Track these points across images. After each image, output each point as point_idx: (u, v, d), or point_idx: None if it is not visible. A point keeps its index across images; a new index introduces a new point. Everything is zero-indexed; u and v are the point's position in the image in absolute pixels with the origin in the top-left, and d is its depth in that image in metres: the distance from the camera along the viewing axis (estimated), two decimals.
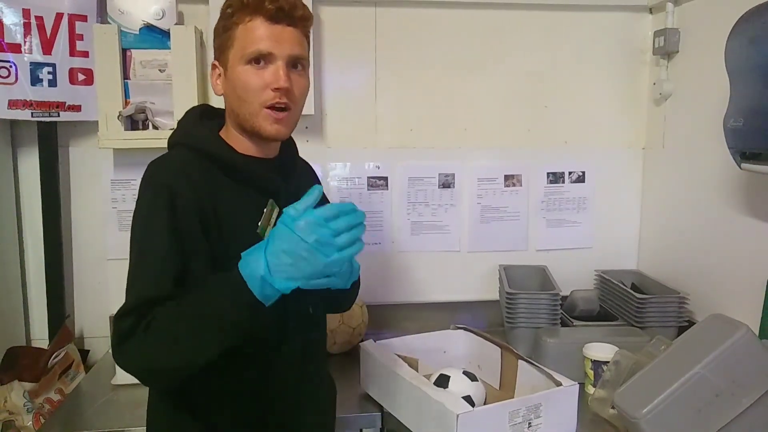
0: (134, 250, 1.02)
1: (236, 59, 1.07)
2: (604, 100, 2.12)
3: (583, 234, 2.17)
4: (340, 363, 1.71)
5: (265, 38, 1.05)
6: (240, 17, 1.06)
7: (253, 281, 0.90)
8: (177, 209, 1.00)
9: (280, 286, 0.90)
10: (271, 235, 0.92)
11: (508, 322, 1.79)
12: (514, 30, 2.06)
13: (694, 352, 1.25)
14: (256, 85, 1.06)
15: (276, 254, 0.89)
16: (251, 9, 1.05)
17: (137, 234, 1.02)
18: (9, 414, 1.65)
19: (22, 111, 1.80)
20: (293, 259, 0.89)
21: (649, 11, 2.08)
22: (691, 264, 1.89)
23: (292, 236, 0.89)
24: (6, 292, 1.88)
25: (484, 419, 1.23)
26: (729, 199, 1.70)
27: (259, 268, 0.89)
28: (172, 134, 1.14)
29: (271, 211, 1.08)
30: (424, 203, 2.09)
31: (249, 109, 1.07)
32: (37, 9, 1.77)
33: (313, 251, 0.88)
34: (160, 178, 1.04)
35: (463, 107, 2.07)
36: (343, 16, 1.99)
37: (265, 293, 0.91)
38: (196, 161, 1.07)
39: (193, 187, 1.02)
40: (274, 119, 1.07)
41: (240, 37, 1.06)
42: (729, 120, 1.43)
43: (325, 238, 0.88)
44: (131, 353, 0.96)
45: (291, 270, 0.89)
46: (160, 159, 1.08)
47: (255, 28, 1.05)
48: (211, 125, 1.16)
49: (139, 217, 1.03)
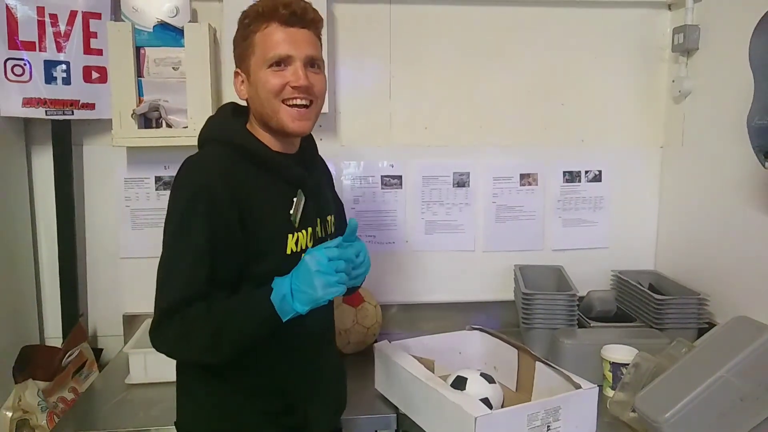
0: (171, 247, 1.08)
1: (258, 65, 1.14)
2: (621, 98, 2.09)
3: (600, 234, 2.14)
4: (354, 363, 1.69)
5: (282, 41, 1.12)
6: (257, 25, 1.14)
7: (276, 296, 1.05)
8: (216, 208, 1.06)
9: (298, 308, 1.05)
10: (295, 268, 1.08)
11: (524, 322, 1.76)
12: (529, 26, 2.03)
13: (718, 355, 1.23)
14: (277, 84, 1.13)
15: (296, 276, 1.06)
16: (267, 16, 1.13)
17: (175, 232, 1.08)
18: (23, 413, 1.64)
19: (36, 109, 1.81)
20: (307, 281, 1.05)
21: (668, 8, 2.05)
22: (710, 265, 1.85)
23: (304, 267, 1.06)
24: (20, 291, 1.88)
25: (502, 422, 1.21)
26: (750, 199, 1.66)
27: (284, 287, 1.05)
28: (202, 130, 1.21)
29: (300, 201, 1.18)
30: (438, 202, 2.07)
31: (272, 107, 1.14)
32: (51, 7, 1.77)
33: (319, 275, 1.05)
34: (197, 177, 1.09)
35: (478, 105, 2.05)
36: (358, 14, 1.97)
37: (284, 309, 1.05)
38: (230, 156, 1.13)
39: (230, 182, 1.08)
40: (297, 115, 1.15)
41: (259, 43, 1.14)
42: (753, 118, 1.41)
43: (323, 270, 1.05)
44: (161, 342, 1.09)
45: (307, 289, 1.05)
46: (196, 157, 1.14)
47: (272, 33, 1.13)
48: (241, 122, 1.22)
49: (177, 215, 1.08)
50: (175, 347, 1.10)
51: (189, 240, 1.06)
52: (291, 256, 1.14)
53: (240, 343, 1.08)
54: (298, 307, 1.04)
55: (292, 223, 1.16)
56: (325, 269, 1.04)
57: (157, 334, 1.08)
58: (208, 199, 1.06)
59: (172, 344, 1.09)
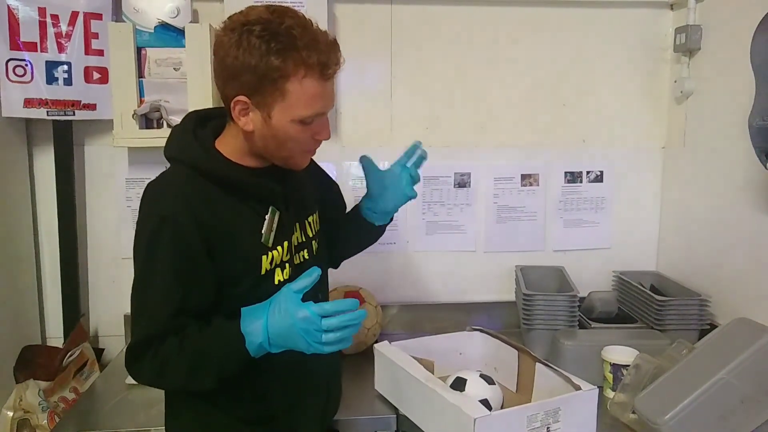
0: (138, 278, 1.07)
1: (286, 115, 1.04)
2: (623, 98, 2.09)
3: (601, 234, 2.13)
4: (354, 363, 1.69)
5: (320, 97, 1.05)
6: (294, 69, 1.00)
7: (251, 344, 1.01)
8: (180, 242, 1.03)
9: (274, 351, 1.03)
10: (270, 310, 1.02)
11: (525, 323, 1.76)
12: (531, 27, 2.03)
13: (719, 356, 1.22)
14: (305, 139, 1.09)
15: (274, 329, 1.00)
16: (309, 68, 1.01)
17: (140, 266, 1.06)
18: (24, 412, 1.65)
19: (38, 110, 1.81)
20: (287, 336, 1.00)
21: (670, 7, 2.04)
22: (711, 266, 1.85)
23: (289, 320, 0.99)
24: (21, 291, 1.89)
25: (501, 423, 1.21)
26: (752, 200, 1.66)
27: (259, 336, 1.00)
28: (167, 144, 1.15)
29: (272, 219, 1.13)
30: (439, 203, 2.07)
31: (289, 155, 1.11)
32: (52, 7, 1.77)
33: (301, 338, 0.99)
34: (160, 207, 1.05)
35: (480, 105, 2.04)
36: (359, 13, 1.97)
37: (258, 353, 1.03)
38: (193, 178, 1.08)
39: (194, 209, 1.04)
40: (309, 157, 1.17)
41: (293, 94, 1.02)
42: (755, 119, 1.40)
43: (313, 332, 0.99)
44: (141, 377, 1.09)
45: (286, 343, 1.01)
46: (160, 182, 1.09)
47: (311, 87, 1.03)
48: (205, 136, 1.13)
49: (141, 249, 1.06)
50: (154, 382, 1.10)
51: (155, 273, 1.04)
52: (266, 275, 1.12)
53: (219, 376, 1.05)
54: (273, 350, 1.03)
55: (264, 243, 1.11)
56: (314, 329, 0.99)
57: (132, 370, 1.07)
58: (173, 230, 1.02)
59: (150, 380, 1.09)
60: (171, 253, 1.03)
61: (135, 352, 1.04)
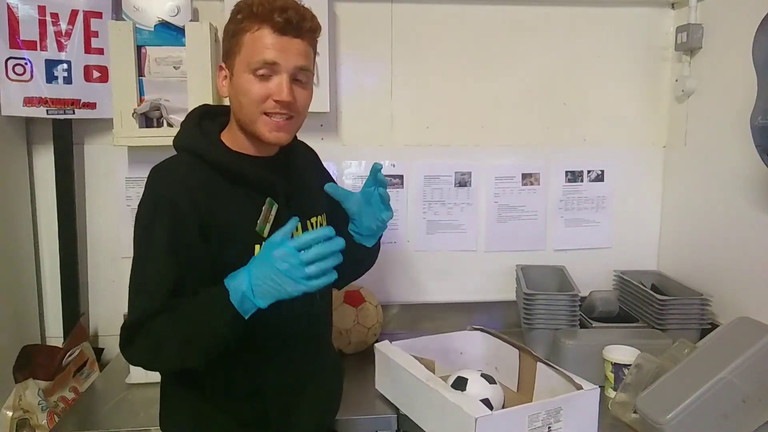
0: (135, 257, 1.08)
1: (242, 67, 1.09)
2: (624, 98, 2.08)
3: (602, 234, 2.13)
4: (354, 363, 1.69)
5: (270, 48, 1.07)
6: (248, 25, 1.07)
7: (235, 296, 0.99)
8: (176, 222, 1.05)
9: (260, 303, 0.99)
10: (253, 259, 1.02)
11: (526, 323, 1.76)
12: (532, 26, 2.02)
13: (720, 356, 1.22)
14: (258, 95, 1.09)
15: (257, 276, 0.98)
16: (260, 18, 1.06)
17: (138, 243, 1.09)
18: (24, 412, 1.64)
19: (38, 108, 1.81)
20: (271, 282, 0.98)
21: (671, 6, 2.04)
22: (713, 265, 1.84)
23: (268, 262, 0.97)
24: (21, 291, 1.88)
25: (503, 423, 1.20)
26: (754, 199, 1.65)
27: (242, 284, 0.98)
28: (176, 136, 1.17)
29: (269, 210, 1.14)
30: (440, 202, 2.06)
31: (249, 116, 1.11)
32: (52, 6, 1.77)
33: (285, 278, 0.97)
34: (161, 188, 1.08)
35: (480, 105, 2.04)
36: (359, 12, 1.96)
37: (245, 308, 0.99)
38: (197, 167, 1.11)
39: (192, 193, 1.07)
40: (275, 126, 1.11)
41: (247, 44, 1.08)
42: (756, 118, 1.40)
43: (294, 268, 0.96)
44: (134, 358, 1.11)
45: (271, 290, 0.98)
46: (163, 165, 1.12)
47: (262, 37, 1.07)
48: (210, 127, 1.18)
49: (141, 226, 1.08)
50: (148, 361, 1.11)
51: (151, 251, 1.05)
52: None
53: (213, 347, 1.05)
54: (260, 303, 0.99)
55: (260, 233, 1.12)
56: (292, 263, 0.96)
57: (126, 351, 1.08)
58: (170, 210, 1.04)
59: (144, 359, 1.10)
60: (168, 234, 1.04)
61: (130, 332, 1.05)
